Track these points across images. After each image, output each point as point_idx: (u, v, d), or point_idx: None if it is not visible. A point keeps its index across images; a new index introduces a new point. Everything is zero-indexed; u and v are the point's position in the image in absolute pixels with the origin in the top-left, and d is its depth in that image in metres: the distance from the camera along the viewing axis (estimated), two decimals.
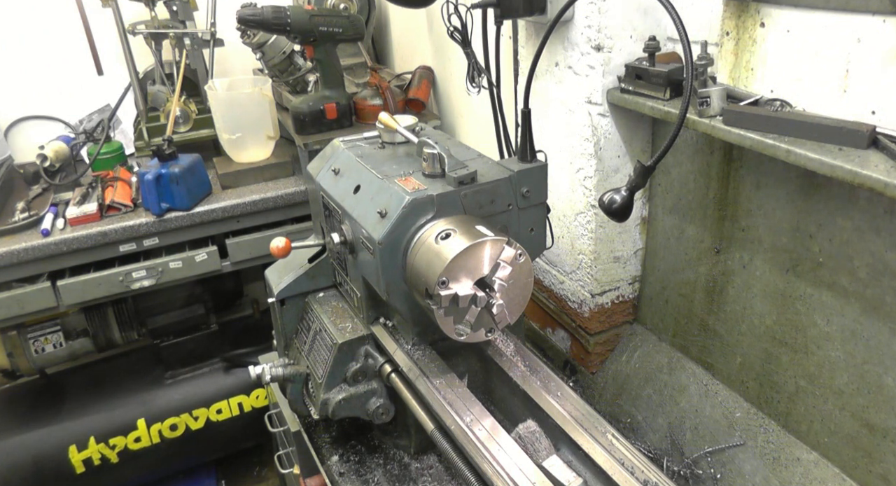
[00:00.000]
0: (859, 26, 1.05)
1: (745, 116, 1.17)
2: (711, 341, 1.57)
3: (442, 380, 1.22)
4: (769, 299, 1.38)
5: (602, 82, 1.48)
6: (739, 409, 1.50)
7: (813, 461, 1.35)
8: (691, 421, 1.56)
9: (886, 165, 0.99)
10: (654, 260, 1.69)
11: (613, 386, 1.78)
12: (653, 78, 1.36)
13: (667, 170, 1.55)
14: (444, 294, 1.05)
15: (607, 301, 1.76)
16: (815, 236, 1.24)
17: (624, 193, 1.20)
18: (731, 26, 1.28)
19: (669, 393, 1.64)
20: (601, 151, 1.55)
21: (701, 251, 1.53)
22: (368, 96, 2.37)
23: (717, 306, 1.52)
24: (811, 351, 1.31)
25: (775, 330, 1.38)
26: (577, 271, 1.76)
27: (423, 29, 2.50)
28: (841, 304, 1.22)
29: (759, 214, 1.35)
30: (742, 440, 1.46)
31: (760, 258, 1.37)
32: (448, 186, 1.18)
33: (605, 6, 1.40)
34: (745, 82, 1.29)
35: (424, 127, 1.43)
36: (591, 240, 1.66)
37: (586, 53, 1.48)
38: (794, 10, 1.16)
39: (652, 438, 1.62)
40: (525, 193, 1.25)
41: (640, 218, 1.67)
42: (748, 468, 1.43)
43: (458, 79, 2.25)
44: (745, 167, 1.35)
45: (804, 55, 1.16)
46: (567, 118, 1.61)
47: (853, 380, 1.24)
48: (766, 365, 1.43)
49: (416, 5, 2.17)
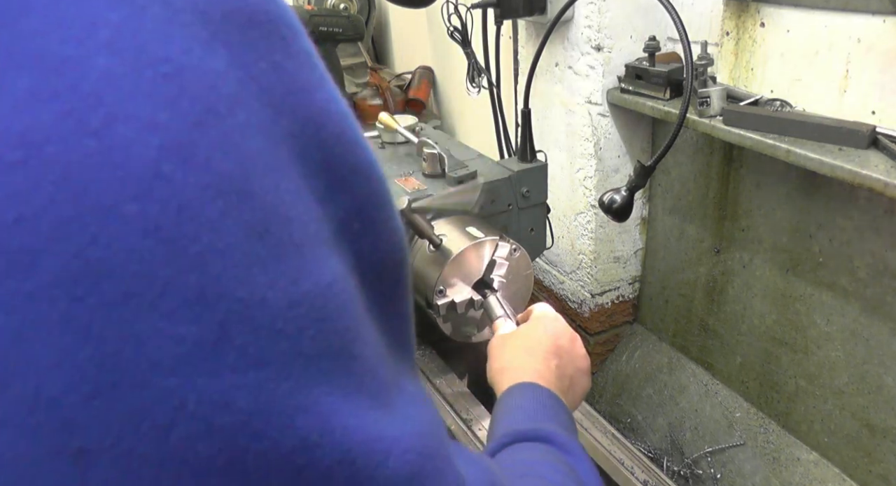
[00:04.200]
0: (859, 26, 1.05)
1: (745, 116, 1.17)
2: (711, 341, 1.57)
3: (442, 380, 1.22)
4: (769, 299, 1.38)
5: (602, 82, 1.48)
6: (739, 409, 1.50)
7: (813, 461, 1.35)
8: (691, 421, 1.56)
9: (886, 165, 0.99)
10: (654, 260, 1.69)
11: (613, 386, 1.78)
12: (653, 78, 1.36)
13: (667, 170, 1.55)
14: (441, 303, 1.05)
15: (607, 301, 1.76)
16: (815, 236, 1.24)
17: (624, 193, 1.20)
18: (731, 26, 1.28)
19: (669, 393, 1.64)
20: (601, 151, 1.55)
21: (701, 251, 1.53)
22: (368, 96, 2.37)
23: (717, 306, 1.52)
24: (811, 351, 1.31)
25: (775, 330, 1.38)
26: (577, 271, 1.76)
27: (423, 29, 2.50)
28: (841, 304, 1.22)
29: (759, 214, 1.35)
30: (742, 440, 1.46)
31: (760, 258, 1.37)
32: (448, 186, 1.18)
33: (605, 6, 1.40)
34: (745, 82, 1.29)
35: (424, 127, 1.43)
36: (591, 240, 1.66)
37: (586, 53, 1.48)
38: (794, 10, 1.16)
39: (652, 438, 1.62)
40: (525, 193, 1.25)
41: (640, 218, 1.68)
42: (748, 468, 1.43)
43: (458, 79, 2.25)
44: (745, 167, 1.35)
45: (804, 55, 1.16)
46: (567, 118, 1.61)
47: (853, 380, 1.24)
48: (766, 365, 1.43)
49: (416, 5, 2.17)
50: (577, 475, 0.48)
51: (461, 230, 1.11)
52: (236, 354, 0.20)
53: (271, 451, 0.21)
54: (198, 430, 0.19)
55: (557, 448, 0.52)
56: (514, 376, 0.68)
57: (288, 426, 0.21)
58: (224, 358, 0.20)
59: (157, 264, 0.19)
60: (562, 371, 0.72)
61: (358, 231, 0.26)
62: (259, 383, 0.21)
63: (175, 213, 0.19)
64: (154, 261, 0.19)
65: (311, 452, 0.22)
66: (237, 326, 0.20)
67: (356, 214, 0.26)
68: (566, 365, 0.73)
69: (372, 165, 0.27)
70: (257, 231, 0.21)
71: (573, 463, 0.50)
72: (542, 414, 0.61)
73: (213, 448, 0.20)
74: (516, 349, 0.75)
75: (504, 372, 0.71)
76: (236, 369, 0.20)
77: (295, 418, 0.21)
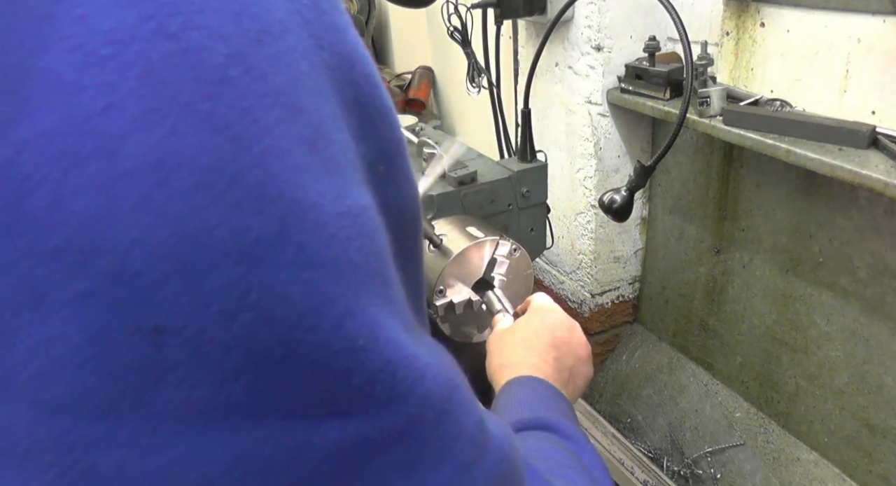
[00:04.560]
0: (859, 26, 1.05)
1: (745, 116, 1.17)
2: (711, 341, 1.57)
3: None
4: (769, 299, 1.38)
5: (602, 82, 1.48)
6: (739, 409, 1.50)
7: (813, 461, 1.35)
8: (691, 421, 1.56)
9: (886, 165, 0.99)
10: (654, 260, 1.69)
11: (613, 386, 1.78)
12: (653, 78, 1.36)
13: (667, 170, 1.55)
14: (440, 304, 1.05)
15: (607, 301, 1.76)
16: (815, 236, 1.24)
17: (624, 193, 1.20)
18: (731, 26, 1.28)
19: (669, 393, 1.64)
20: (601, 151, 1.55)
21: (701, 251, 1.53)
22: None
23: (717, 306, 1.52)
24: (811, 351, 1.31)
25: (775, 330, 1.38)
26: (577, 271, 1.76)
27: (423, 29, 2.50)
28: (841, 304, 1.22)
29: (759, 214, 1.35)
30: (742, 440, 1.46)
31: (760, 258, 1.37)
32: (448, 186, 1.18)
33: (605, 6, 1.40)
34: (745, 82, 1.29)
35: (424, 127, 1.43)
36: (591, 240, 1.66)
37: (586, 53, 1.48)
38: (794, 10, 1.16)
39: (652, 438, 1.62)
40: (525, 193, 1.25)
41: (640, 218, 1.68)
42: (748, 468, 1.43)
43: (458, 79, 2.25)
44: (745, 167, 1.35)
45: (804, 55, 1.16)
46: (567, 118, 1.61)
47: (853, 380, 1.24)
48: (766, 365, 1.43)
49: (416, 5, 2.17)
50: (581, 462, 0.48)
51: (461, 230, 1.11)
52: (294, 251, 0.22)
53: (323, 348, 0.22)
54: (259, 319, 0.21)
55: (560, 437, 0.52)
56: (513, 372, 0.68)
57: (338, 327, 0.23)
58: (283, 253, 0.21)
59: (225, 158, 0.21)
60: (561, 363, 0.71)
61: (383, 176, 0.28)
62: (314, 281, 0.22)
63: (240, 114, 0.21)
64: (223, 155, 0.20)
65: (358, 355, 0.23)
66: (295, 224, 0.22)
67: (381, 157, 0.27)
68: (565, 356, 0.73)
69: (393, 112, 0.29)
70: (307, 143, 0.23)
71: (577, 451, 0.50)
72: (543, 405, 0.61)
73: (272, 339, 0.21)
74: (514, 345, 0.75)
75: (503, 369, 0.71)
76: (294, 264, 0.22)
77: (344, 320, 0.23)
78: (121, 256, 0.19)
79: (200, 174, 0.20)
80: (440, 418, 0.27)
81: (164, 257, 0.20)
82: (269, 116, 0.22)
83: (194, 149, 0.20)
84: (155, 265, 0.20)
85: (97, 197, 0.19)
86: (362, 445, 0.24)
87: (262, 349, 0.21)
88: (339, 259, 0.23)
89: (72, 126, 0.19)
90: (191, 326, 0.20)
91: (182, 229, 0.20)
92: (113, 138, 0.19)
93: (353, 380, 0.23)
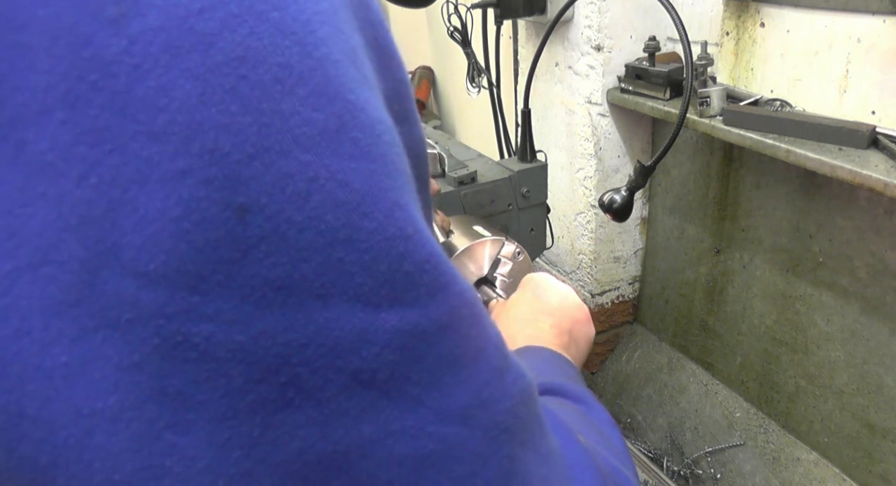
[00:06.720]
0: (859, 26, 1.05)
1: (745, 116, 1.17)
2: (711, 341, 1.57)
3: None
4: (769, 299, 1.38)
5: (602, 82, 1.48)
6: (739, 409, 1.50)
7: (813, 461, 1.35)
8: (691, 421, 1.56)
9: (886, 165, 0.99)
10: (654, 260, 1.69)
11: (613, 386, 1.78)
12: (653, 78, 1.36)
13: (667, 170, 1.55)
14: None
15: (607, 301, 1.76)
16: (815, 236, 1.24)
17: (624, 193, 1.20)
18: (731, 26, 1.28)
19: (669, 393, 1.64)
20: (601, 151, 1.55)
21: (701, 251, 1.53)
22: None
23: (717, 306, 1.52)
24: (811, 351, 1.31)
25: (775, 330, 1.38)
26: (577, 271, 1.76)
27: (423, 29, 2.50)
28: (841, 304, 1.22)
29: (759, 214, 1.35)
30: (742, 440, 1.46)
31: (760, 258, 1.37)
32: (448, 186, 1.18)
33: (605, 6, 1.40)
34: (745, 82, 1.29)
35: (425, 127, 1.43)
36: (591, 240, 1.66)
37: (586, 53, 1.48)
38: (794, 10, 1.16)
39: (652, 438, 1.62)
40: (525, 193, 1.25)
41: (640, 218, 1.68)
42: (748, 468, 1.43)
43: (458, 79, 2.25)
44: (745, 167, 1.35)
45: (804, 55, 1.16)
46: (567, 118, 1.61)
47: (853, 380, 1.24)
48: (766, 365, 1.43)
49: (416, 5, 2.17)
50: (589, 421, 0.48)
51: (467, 228, 1.11)
52: (351, 144, 0.25)
53: (378, 233, 0.25)
54: (326, 201, 0.24)
55: (567, 398, 0.51)
56: (510, 347, 0.68)
57: (390, 215, 0.26)
58: (343, 145, 0.25)
59: (293, 58, 0.24)
60: (558, 328, 0.70)
61: (398, 113, 0.30)
62: (368, 172, 0.25)
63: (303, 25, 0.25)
64: (291, 56, 0.24)
65: (408, 243, 0.26)
66: (351, 120, 0.25)
67: (395, 97, 0.30)
68: (562, 321, 0.72)
69: (401, 59, 0.32)
70: (350, 57, 0.26)
71: (585, 411, 0.50)
72: (547, 370, 0.60)
73: (336, 220, 0.24)
74: (507, 321, 0.74)
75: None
76: (352, 156, 0.25)
77: (394, 210, 0.26)
78: (213, 138, 0.22)
79: (275, 70, 0.23)
80: (474, 316, 0.29)
81: (249, 141, 0.23)
82: (323, 30, 0.25)
83: (269, 50, 0.23)
84: (241, 148, 0.23)
85: (195, 85, 0.22)
86: (417, 335, 0.26)
87: (329, 230, 0.24)
88: (385, 157, 0.26)
89: (174, 24, 0.22)
90: (271, 205, 0.23)
91: (263, 117, 0.23)
92: (207, 36, 0.23)
93: (405, 265, 0.26)
